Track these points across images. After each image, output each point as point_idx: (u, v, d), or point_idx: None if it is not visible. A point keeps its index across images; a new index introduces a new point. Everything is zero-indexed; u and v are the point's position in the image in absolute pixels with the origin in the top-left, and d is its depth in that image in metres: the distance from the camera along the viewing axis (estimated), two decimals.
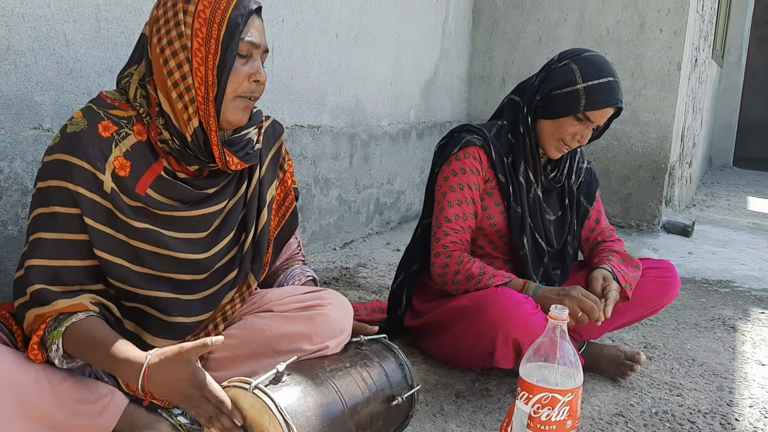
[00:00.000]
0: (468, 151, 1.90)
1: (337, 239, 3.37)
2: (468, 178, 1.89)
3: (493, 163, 1.91)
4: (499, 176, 1.92)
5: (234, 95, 1.32)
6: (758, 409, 1.89)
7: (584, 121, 1.83)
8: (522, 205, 1.92)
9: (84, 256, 1.29)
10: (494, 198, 1.93)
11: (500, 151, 1.92)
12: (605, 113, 1.83)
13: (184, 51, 1.27)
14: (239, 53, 1.30)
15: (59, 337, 1.22)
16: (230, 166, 1.37)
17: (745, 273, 3.53)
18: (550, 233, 1.99)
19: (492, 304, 1.69)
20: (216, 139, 1.32)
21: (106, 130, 1.30)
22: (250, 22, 1.30)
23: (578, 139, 1.86)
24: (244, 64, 1.32)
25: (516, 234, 1.93)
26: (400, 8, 3.63)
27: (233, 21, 1.27)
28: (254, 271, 1.53)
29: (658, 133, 4.15)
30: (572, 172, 2.03)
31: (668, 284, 1.97)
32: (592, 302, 1.67)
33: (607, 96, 1.81)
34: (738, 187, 7.57)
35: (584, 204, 2.07)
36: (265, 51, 1.36)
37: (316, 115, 3.06)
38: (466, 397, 1.84)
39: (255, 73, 1.32)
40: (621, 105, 1.83)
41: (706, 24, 5.17)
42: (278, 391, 1.25)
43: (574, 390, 1.31)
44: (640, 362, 1.97)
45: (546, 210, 1.98)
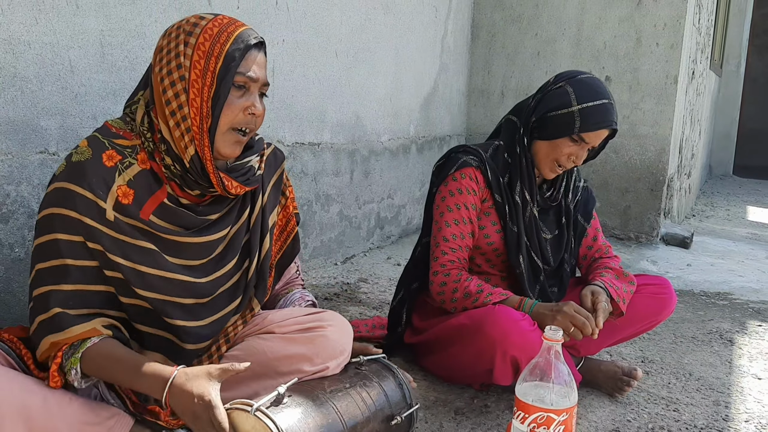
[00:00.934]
0: (464, 172, 1.94)
1: (339, 254, 3.40)
2: (465, 199, 1.93)
3: (490, 184, 1.95)
4: (495, 196, 1.95)
5: (228, 127, 1.35)
6: (754, 424, 1.91)
7: (579, 142, 1.87)
8: (518, 224, 1.95)
9: (92, 281, 1.33)
10: (491, 217, 1.97)
11: (496, 171, 1.96)
12: (600, 135, 1.87)
13: (182, 81, 1.31)
14: (235, 85, 1.33)
15: (77, 363, 1.27)
16: (230, 189, 1.41)
17: (743, 285, 3.55)
18: (547, 252, 2.02)
19: (490, 322, 1.72)
20: (212, 168, 1.36)
21: (110, 159, 1.34)
22: (249, 55, 1.34)
23: (573, 159, 1.90)
24: (240, 97, 1.35)
25: (512, 253, 1.96)
26: (400, 25, 3.68)
27: (230, 54, 1.31)
28: (258, 296, 1.57)
29: (656, 146, 4.19)
30: (569, 191, 2.07)
31: (664, 300, 2.00)
32: (583, 317, 1.70)
33: (602, 118, 1.84)
34: (738, 196, 7.59)
35: (581, 222, 2.10)
36: (264, 84, 1.39)
37: (317, 132, 3.10)
38: (465, 414, 1.87)
39: (250, 106, 1.36)
40: (616, 126, 1.87)
41: (703, 36, 5.22)
42: (279, 413, 1.28)
43: (569, 409, 1.34)
44: (637, 378, 1.99)
45: (542, 229, 2.02)
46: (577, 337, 1.72)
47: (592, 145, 1.89)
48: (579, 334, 1.71)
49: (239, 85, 1.34)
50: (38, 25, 1.79)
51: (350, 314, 2.65)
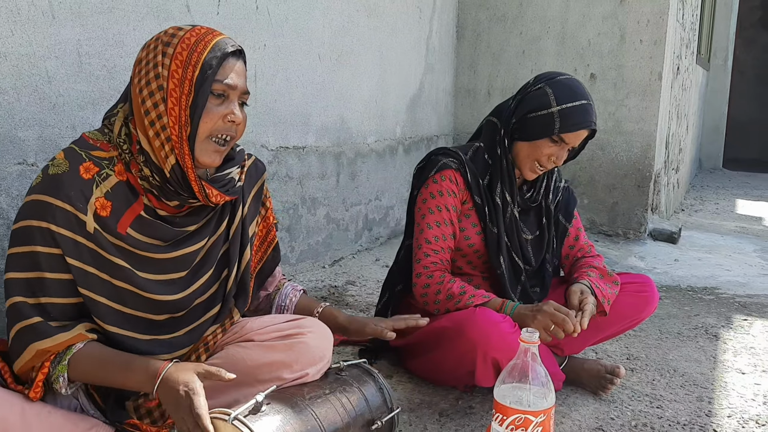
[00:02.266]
0: (444, 174, 1.95)
1: (326, 257, 3.40)
2: (445, 200, 1.94)
3: (469, 185, 1.96)
4: (475, 198, 1.96)
5: (207, 135, 1.36)
6: (736, 419, 1.93)
7: (559, 143, 1.88)
8: (498, 225, 1.96)
9: (69, 294, 1.33)
10: (471, 219, 1.98)
11: (476, 173, 1.97)
12: (580, 135, 1.88)
13: (160, 91, 1.32)
14: (213, 93, 1.34)
15: (65, 370, 1.29)
16: (211, 198, 1.41)
17: (730, 279, 3.57)
18: (528, 252, 2.03)
19: (470, 325, 1.73)
20: (193, 176, 1.36)
21: (87, 171, 1.34)
22: (226, 63, 1.35)
23: (554, 160, 1.91)
24: (219, 105, 1.36)
25: (493, 254, 1.97)
26: (383, 27, 3.68)
27: (207, 63, 1.32)
28: (239, 305, 1.58)
29: (642, 142, 4.20)
30: (549, 192, 2.08)
31: (646, 299, 2.01)
32: (563, 315, 1.71)
33: (581, 118, 1.86)
34: (727, 189, 7.63)
35: (563, 222, 2.11)
36: (244, 93, 1.40)
37: (301, 136, 3.10)
38: (450, 415, 1.87)
39: (229, 114, 1.36)
40: (595, 127, 1.88)
41: (688, 32, 5.24)
42: (258, 422, 1.28)
43: (546, 411, 1.35)
44: (620, 376, 2.00)
45: (523, 229, 2.03)
46: (558, 336, 1.73)
47: (572, 145, 1.90)
48: (560, 332, 1.72)
49: (218, 93, 1.35)
50: (14, 36, 1.78)
51: None
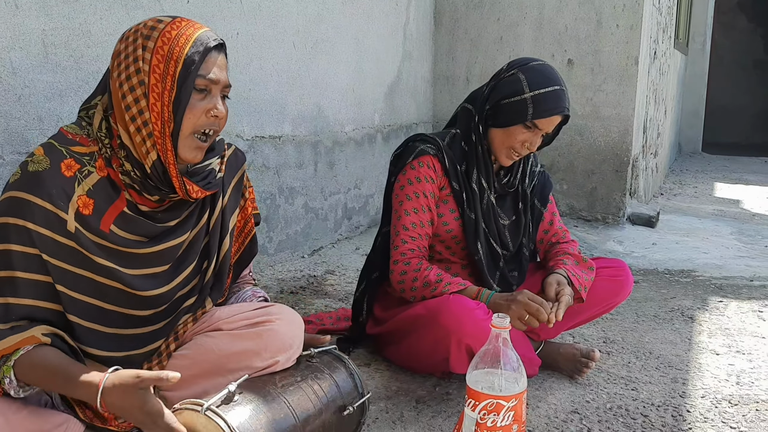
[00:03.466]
0: (422, 160, 1.94)
1: (305, 247, 3.39)
2: (423, 187, 1.93)
3: (447, 172, 1.96)
4: (453, 184, 1.96)
5: (191, 131, 1.34)
6: (709, 400, 1.95)
7: (533, 129, 1.88)
8: (476, 211, 1.96)
9: (41, 297, 1.30)
10: (449, 205, 1.97)
11: (453, 159, 1.97)
12: (553, 121, 1.88)
13: (141, 86, 1.30)
14: (196, 89, 1.32)
15: (9, 371, 1.25)
16: (191, 194, 1.40)
17: (707, 262, 3.60)
18: (505, 237, 2.03)
19: (444, 312, 1.73)
20: (175, 171, 1.35)
21: (69, 169, 1.31)
22: (209, 58, 1.32)
23: (528, 146, 1.91)
24: (202, 100, 1.34)
25: (471, 240, 1.97)
26: (359, 14, 3.66)
27: (189, 58, 1.30)
28: (213, 296, 1.57)
29: (619, 127, 4.22)
30: (525, 176, 2.08)
31: (621, 283, 2.02)
32: (537, 305, 1.71)
33: (554, 104, 1.85)
34: (706, 173, 7.70)
35: (538, 206, 2.11)
36: (226, 86, 1.38)
37: (277, 125, 3.08)
38: (427, 402, 1.88)
39: (213, 109, 1.34)
40: (568, 113, 1.88)
41: (664, 16, 5.26)
42: (230, 411, 1.28)
43: (518, 395, 1.35)
44: (595, 359, 2.02)
45: (500, 215, 2.03)
46: (533, 325, 1.73)
47: (546, 131, 1.90)
48: (534, 321, 1.72)
49: (200, 88, 1.33)
50: None
51: (315, 307, 2.65)
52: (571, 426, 1.77)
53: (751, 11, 11.57)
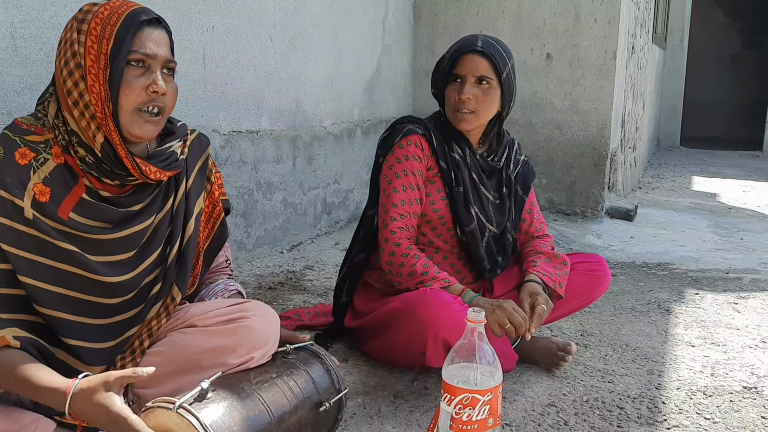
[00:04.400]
0: (410, 139, 1.96)
1: (284, 242, 3.37)
2: (411, 165, 1.94)
3: (435, 151, 1.97)
4: (440, 163, 1.97)
5: (133, 108, 1.33)
6: (684, 391, 1.97)
7: (455, 79, 1.92)
8: (464, 184, 1.98)
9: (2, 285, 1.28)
10: (436, 185, 1.99)
11: (441, 139, 1.98)
12: (468, 62, 1.89)
13: (78, 69, 1.30)
14: (132, 64, 1.32)
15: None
16: (149, 175, 1.38)
17: (683, 254, 3.64)
18: (489, 211, 2.04)
19: (421, 306, 1.73)
20: (124, 152, 1.34)
21: (23, 157, 1.31)
22: (141, 32, 1.32)
23: (465, 99, 1.88)
24: (140, 76, 1.33)
25: (461, 211, 1.97)
26: (337, 8, 3.63)
27: (121, 34, 1.30)
28: (179, 283, 1.53)
29: (598, 121, 4.24)
30: (510, 162, 2.09)
31: (598, 277, 2.04)
32: (520, 319, 1.73)
33: (460, 45, 1.93)
34: (684, 167, 7.77)
35: (520, 193, 2.12)
36: (168, 61, 1.37)
37: (255, 119, 3.05)
38: (404, 397, 1.87)
39: (151, 84, 1.33)
40: (478, 48, 1.88)
41: (642, 11, 5.29)
42: (203, 409, 1.26)
43: (493, 389, 1.35)
44: (572, 352, 2.03)
45: (488, 188, 2.04)
46: (510, 335, 1.75)
47: (472, 74, 1.88)
48: (513, 332, 1.74)
49: (136, 63, 1.32)
50: None
51: (294, 302, 2.63)
52: (548, 419, 1.78)
53: (729, 6, 11.68)
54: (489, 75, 1.89)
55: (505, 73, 1.91)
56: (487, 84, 1.90)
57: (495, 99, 1.92)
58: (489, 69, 1.89)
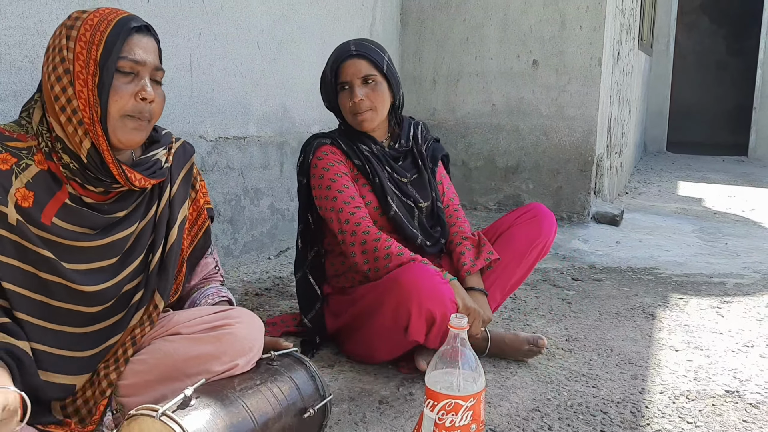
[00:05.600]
0: (324, 150, 2.06)
1: (272, 248, 3.37)
2: (338, 169, 2.04)
3: (347, 153, 2.07)
4: (355, 162, 2.08)
5: (120, 114, 1.34)
6: (668, 395, 1.98)
7: (345, 86, 2.03)
8: (379, 174, 2.06)
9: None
10: (360, 181, 2.08)
11: (348, 142, 2.09)
12: (349, 67, 2.00)
13: (67, 75, 1.31)
14: (121, 71, 1.33)
15: None
16: (134, 182, 1.40)
17: (668, 259, 3.67)
18: (411, 191, 2.13)
19: (405, 276, 1.81)
20: (110, 158, 1.35)
21: (4, 162, 1.31)
22: (131, 39, 1.34)
23: (358, 101, 2.00)
24: (129, 83, 1.34)
25: (381, 199, 2.07)
26: (324, 14, 3.65)
27: (110, 40, 1.31)
28: (161, 290, 1.53)
29: (584, 127, 4.27)
30: (418, 139, 2.20)
31: (538, 221, 2.13)
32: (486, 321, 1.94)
33: (337, 55, 2.04)
34: (670, 172, 7.83)
35: (429, 165, 2.22)
36: (156, 69, 1.39)
37: (242, 126, 3.06)
38: (390, 402, 1.88)
39: (140, 91, 1.35)
40: (353, 52, 2.00)
41: (627, 18, 5.34)
42: (187, 416, 1.26)
43: (476, 395, 1.36)
44: (541, 346, 2.12)
45: (401, 174, 2.14)
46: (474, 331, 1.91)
47: (352, 78, 2.00)
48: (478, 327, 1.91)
49: (125, 71, 1.34)
50: None
51: (280, 308, 2.63)
52: (532, 424, 1.79)
53: (714, 12, 11.81)
54: (372, 72, 2.00)
55: (385, 66, 2.03)
56: (373, 81, 2.01)
57: (385, 92, 2.04)
58: (370, 67, 2.00)
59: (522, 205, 2.32)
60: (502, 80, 4.43)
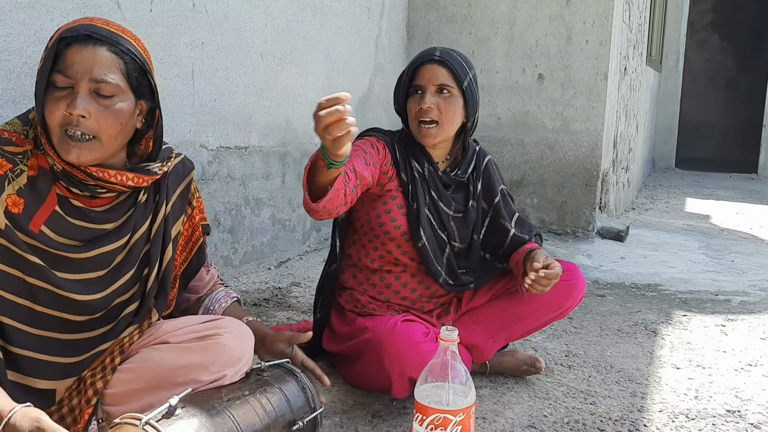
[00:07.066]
0: (365, 139, 1.95)
1: (272, 259, 3.36)
2: (364, 147, 1.88)
3: (396, 162, 1.95)
4: (401, 175, 1.95)
5: (57, 128, 1.30)
6: (667, 414, 1.95)
7: (416, 91, 1.91)
8: (418, 198, 1.95)
9: None
10: (397, 201, 1.97)
11: (403, 151, 1.97)
12: (426, 72, 1.88)
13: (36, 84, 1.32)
14: (55, 85, 1.29)
15: None
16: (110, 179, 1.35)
17: (673, 276, 3.63)
18: (451, 227, 2.01)
19: (389, 343, 1.73)
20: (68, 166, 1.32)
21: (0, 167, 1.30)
22: (68, 51, 1.28)
23: (426, 107, 1.87)
24: (62, 98, 1.28)
25: (413, 228, 1.95)
26: (329, 26, 3.65)
27: (50, 52, 1.29)
28: (158, 306, 1.53)
29: (589, 142, 4.25)
30: (479, 174, 2.07)
31: (570, 286, 1.99)
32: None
33: (419, 56, 1.93)
34: (678, 188, 7.78)
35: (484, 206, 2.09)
36: (98, 81, 1.28)
37: (244, 135, 3.05)
38: (383, 416, 1.85)
39: (70, 105, 1.28)
40: (436, 57, 1.87)
41: (635, 33, 5.32)
42: (171, 426, 1.24)
43: (466, 409, 1.34)
44: (539, 368, 2.10)
45: (446, 204, 2.01)
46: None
47: (426, 83, 1.87)
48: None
49: (59, 85, 1.28)
50: None
51: (278, 319, 2.61)
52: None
53: (724, 30, 11.77)
54: (449, 83, 1.87)
55: (466, 82, 1.89)
56: (448, 93, 1.88)
57: (458, 109, 1.90)
58: (449, 77, 1.87)
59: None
60: (507, 94, 4.41)
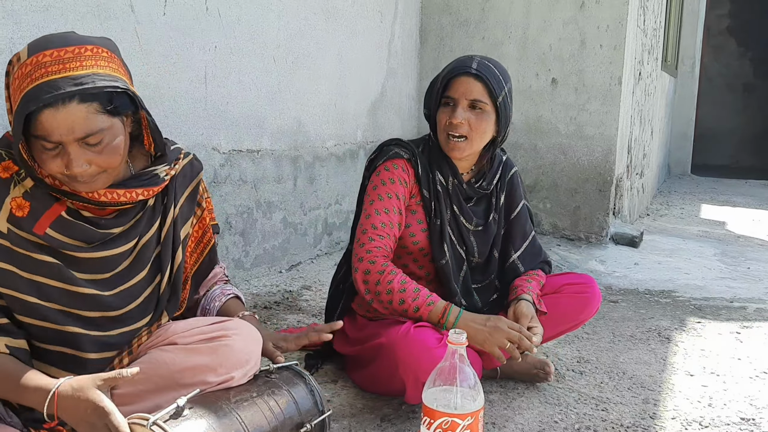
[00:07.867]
0: (396, 163, 1.92)
1: (283, 262, 3.36)
2: (396, 189, 1.89)
3: (419, 178, 1.93)
4: (423, 191, 1.93)
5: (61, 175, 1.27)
6: (680, 421, 1.92)
7: (449, 102, 1.85)
8: (441, 216, 1.93)
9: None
10: (417, 216, 1.95)
11: (426, 165, 1.95)
12: (461, 85, 1.82)
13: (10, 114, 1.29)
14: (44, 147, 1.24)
15: None
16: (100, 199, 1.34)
17: (687, 282, 3.59)
18: (470, 242, 1.99)
19: (402, 348, 1.69)
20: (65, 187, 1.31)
21: (5, 170, 1.31)
22: (41, 116, 1.20)
23: (456, 123, 1.82)
24: (54, 157, 1.24)
25: (436, 245, 1.93)
26: (342, 30, 3.66)
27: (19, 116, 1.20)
28: (169, 309, 1.54)
29: (603, 147, 4.22)
30: (503, 186, 2.05)
31: (586, 299, 1.99)
32: (518, 333, 1.70)
33: (454, 66, 1.86)
34: (694, 195, 7.70)
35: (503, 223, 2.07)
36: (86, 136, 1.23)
37: (255, 139, 3.06)
38: (392, 420, 1.84)
39: (68, 165, 1.24)
40: (472, 71, 1.81)
41: (650, 38, 5.29)
42: (177, 426, 1.24)
43: (474, 413, 1.32)
44: (549, 373, 2.08)
45: (469, 218, 1.99)
46: (514, 356, 1.70)
47: (465, 97, 1.82)
48: (516, 351, 1.70)
49: (47, 147, 1.24)
50: None
51: (288, 322, 2.61)
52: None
53: (741, 35, 11.67)
54: (483, 99, 1.82)
55: (501, 98, 1.83)
56: (481, 109, 1.83)
57: (489, 125, 1.86)
58: (483, 93, 1.82)
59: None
60: (520, 98, 4.39)
